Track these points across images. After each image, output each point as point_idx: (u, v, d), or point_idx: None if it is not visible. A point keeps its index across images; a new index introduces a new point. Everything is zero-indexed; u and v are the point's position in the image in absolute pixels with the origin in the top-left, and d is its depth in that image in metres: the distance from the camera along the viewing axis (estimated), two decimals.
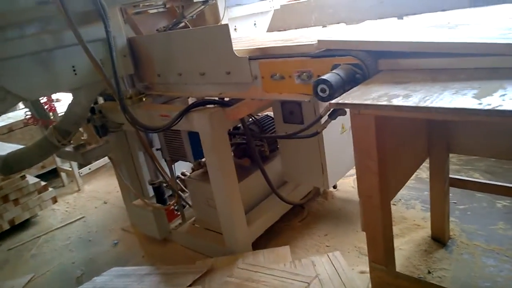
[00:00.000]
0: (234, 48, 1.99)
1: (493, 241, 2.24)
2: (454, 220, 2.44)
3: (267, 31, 3.43)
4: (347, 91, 1.56)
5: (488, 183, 2.16)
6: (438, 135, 2.10)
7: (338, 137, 2.41)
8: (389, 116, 1.34)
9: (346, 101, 1.32)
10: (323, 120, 1.80)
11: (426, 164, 3.21)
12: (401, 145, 1.76)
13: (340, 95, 1.55)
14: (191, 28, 2.63)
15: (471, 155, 2.61)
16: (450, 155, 2.15)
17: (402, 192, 2.86)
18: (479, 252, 2.20)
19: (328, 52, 1.72)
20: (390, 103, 1.21)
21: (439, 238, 2.32)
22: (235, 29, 3.15)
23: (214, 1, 2.49)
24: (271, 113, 2.75)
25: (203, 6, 2.45)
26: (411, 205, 2.69)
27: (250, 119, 2.62)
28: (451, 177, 2.20)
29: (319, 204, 2.88)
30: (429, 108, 1.13)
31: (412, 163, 1.96)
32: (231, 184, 2.23)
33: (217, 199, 2.28)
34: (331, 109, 1.74)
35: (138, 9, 2.75)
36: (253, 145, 2.21)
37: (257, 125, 2.64)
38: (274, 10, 3.40)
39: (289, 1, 3.95)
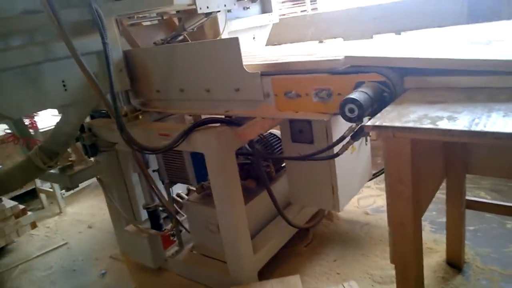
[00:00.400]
0: (244, 63, 1.86)
1: (508, 265, 2.16)
2: (466, 242, 2.34)
3: (265, 45, 3.33)
4: (375, 111, 1.46)
5: (505, 205, 2.08)
6: (456, 155, 2.01)
7: (348, 157, 2.30)
8: (421, 139, 1.24)
9: (386, 124, 1.19)
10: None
11: None
12: (425, 167, 1.65)
13: (368, 115, 1.46)
14: (195, 41, 2.49)
15: (489, 175, 2.55)
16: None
17: None
18: (497, 277, 2.11)
19: (351, 68, 1.61)
20: (437, 127, 1.10)
21: (455, 263, 2.21)
22: None
23: (217, 14, 2.36)
24: (275, 131, 2.62)
25: (205, 19, 2.31)
26: None
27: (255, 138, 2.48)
28: (467, 199, 2.11)
29: (324, 226, 2.75)
30: (486, 133, 1.02)
31: (435, 185, 1.86)
32: (238, 209, 2.06)
33: (222, 224, 2.11)
34: (356, 130, 1.63)
35: (134, 20, 2.61)
36: (261, 167, 2.06)
37: (262, 144, 2.50)
38: (273, 24, 3.30)
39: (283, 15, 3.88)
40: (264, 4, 3.23)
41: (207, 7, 2.15)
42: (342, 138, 1.67)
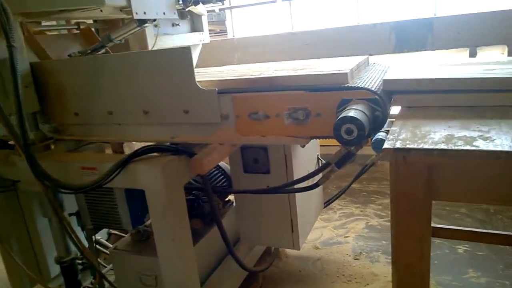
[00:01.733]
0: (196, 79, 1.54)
1: None
2: None
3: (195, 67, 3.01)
4: (369, 134, 1.25)
5: (455, 229, 2.04)
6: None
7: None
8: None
9: (413, 146, 0.97)
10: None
11: (376, 211, 3.13)
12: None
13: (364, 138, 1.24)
14: (132, 51, 2.08)
15: (454, 201, 2.52)
16: None
17: (360, 243, 2.61)
18: None
19: (333, 85, 1.39)
20: (486, 148, 0.90)
21: None
22: None
23: (154, 22, 1.99)
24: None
25: (138, 28, 1.94)
26: (374, 257, 2.44)
27: None
28: (433, 226, 2.01)
29: (274, 266, 2.44)
30: None
31: None
32: (187, 256, 1.67)
33: (167, 276, 1.68)
34: (344, 155, 1.39)
35: (43, 27, 2.11)
36: (214, 204, 1.71)
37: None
38: (203, 44, 3.02)
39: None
40: (194, 22, 2.95)
41: (144, 13, 1.79)
42: (326, 165, 1.42)
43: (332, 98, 1.36)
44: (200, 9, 2.75)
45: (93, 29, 2.33)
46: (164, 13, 1.91)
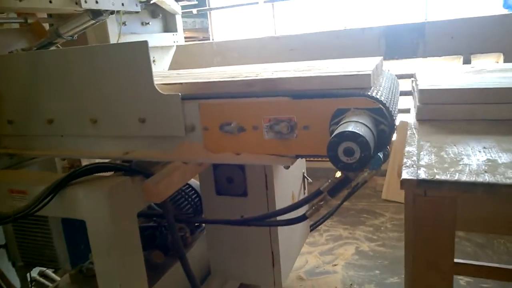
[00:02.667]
0: (155, 82, 1.23)
1: None
2: None
3: (168, 70, 2.71)
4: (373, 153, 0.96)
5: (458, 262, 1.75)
6: None
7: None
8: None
9: (442, 177, 0.68)
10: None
11: (366, 233, 2.84)
12: None
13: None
14: (76, 46, 1.75)
15: (475, 231, 2.27)
16: None
17: (350, 272, 2.31)
18: None
19: (326, 90, 1.09)
20: None
21: None
22: None
23: (108, 17, 1.68)
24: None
25: (92, 22, 1.62)
26: None
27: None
28: None
29: None
30: None
31: None
32: None
33: None
34: (340, 181, 1.09)
35: None
36: (176, 237, 1.38)
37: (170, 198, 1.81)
38: (177, 46, 2.71)
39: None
40: (167, 22, 2.64)
41: (96, 2, 1.47)
42: (318, 193, 1.12)
43: (324, 107, 1.07)
44: (174, 7, 2.45)
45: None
46: (122, 4, 1.61)
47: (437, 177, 0.68)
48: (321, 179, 1.64)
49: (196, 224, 1.94)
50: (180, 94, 1.21)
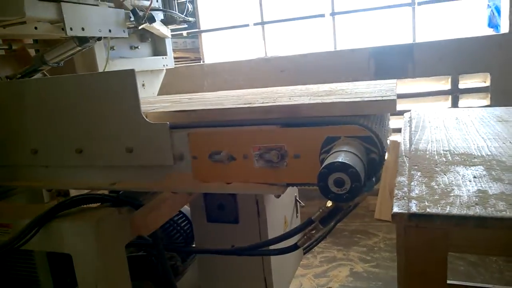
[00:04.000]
0: (143, 110, 1.21)
1: None
2: None
3: (158, 95, 2.69)
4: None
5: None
6: None
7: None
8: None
9: (432, 211, 0.67)
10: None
11: (360, 254, 2.80)
12: None
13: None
14: (61, 75, 1.73)
15: (469, 253, 2.25)
16: None
17: None
18: None
19: (317, 118, 1.09)
20: None
21: None
22: None
23: (95, 43, 1.67)
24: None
25: (78, 48, 1.61)
26: None
27: None
28: None
29: None
30: None
31: None
32: None
33: None
34: (331, 210, 1.07)
35: None
36: (167, 268, 1.34)
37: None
38: (169, 70, 2.71)
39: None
40: (157, 45, 2.64)
41: (82, 29, 1.46)
42: (309, 223, 1.10)
43: (314, 135, 1.06)
44: (163, 31, 2.46)
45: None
46: (110, 31, 1.60)
47: (428, 210, 0.67)
48: (314, 199, 1.62)
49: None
50: (168, 123, 1.19)
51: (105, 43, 2.16)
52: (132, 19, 1.79)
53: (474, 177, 0.80)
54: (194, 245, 1.80)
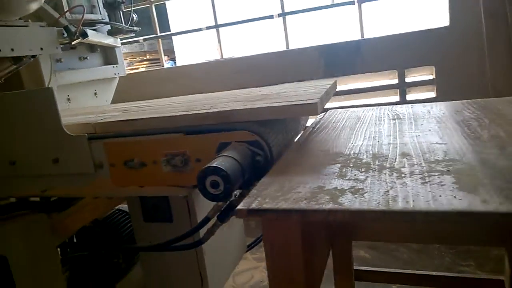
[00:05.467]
0: (64, 123, 1.32)
1: None
2: None
3: (111, 103, 2.79)
4: (248, 182, 1.07)
5: (396, 272, 1.87)
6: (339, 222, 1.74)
7: (218, 232, 1.85)
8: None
9: (268, 206, 0.79)
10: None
11: None
12: (314, 250, 1.30)
13: (239, 188, 1.06)
14: None
15: (378, 241, 2.39)
16: None
17: None
18: None
19: (212, 126, 1.21)
20: (343, 207, 0.74)
21: None
22: (68, 99, 2.42)
23: (30, 60, 1.77)
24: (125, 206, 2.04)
25: (14, 66, 1.70)
26: None
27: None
28: (356, 269, 1.84)
29: None
30: (414, 213, 0.69)
31: (322, 263, 1.52)
32: None
33: None
34: (223, 209, 1.20)
35: None
36: (105, 264, 1.46)
37: (104, 226, 1.88)
38: (119, 77, 2.81)
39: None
40: (107, 55, 2.74)
41: (12, 50, 1.56)
42: (206, 220, 1.23)
43: (211, 141, 1.18)
44: (109, 41, 2.56)
45: None
46: (41, 49, 1.69)
47: (263, 207, 0.79)
48: None
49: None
50: (86, 134, 1.31)
51: (54, 56, 2.27)
52: (65, 35, 1.89)
53: (325, 175, 0.92)
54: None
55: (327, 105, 3.22)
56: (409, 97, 3.15)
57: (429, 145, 1.04)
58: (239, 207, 0.81)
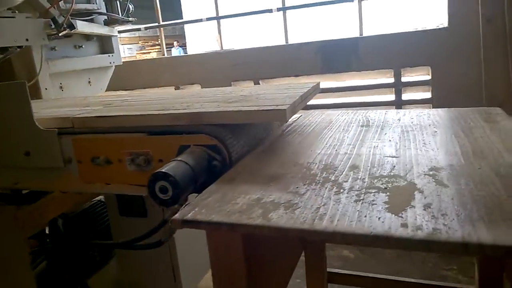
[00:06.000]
0: (36, 116, 1.35)
1: None
2: None
3: (106, 91, 2.82)
4: (203, 186, 1.08)
5: (371, 277, 1.87)
6: None
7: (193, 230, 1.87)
8: None
9: (201, 218, 0.81)
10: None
11: None
12: (273, 253, 1.31)
13: (191, 193, 1.07)
14: None
15: (348, 244, 2.39)
16: None
17: None
18: None
19: (175, 127, 1.22)
20: (269, 224, 0.74)
21: None
22: (61, 88, 2.46)
23: (17, 50, 1.79)
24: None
25: (1, 56, 1.73)
26: None
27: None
28: (329, 272, 1.85)
29: None
30: (334, 234, 0.70)
31: (289, 265, 1.53)
32: None
33: None
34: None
35: None
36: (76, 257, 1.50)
37: (81, 218, 1.92)
38: (115, 66, 2.83)
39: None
40: (103, 44, 2.75)
41: None
42: (163, 223, 1.24)
43: (172, 142, 1.19)
44: (103, 31, 2.57)
45: None
46: (27, 40, 1.71)
47: (197, 218, 0.80)
48: None
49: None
50: (56, 129, 1.33)
51: (48, 45, 2.30)
52: (53, 26, 1.91)
53: (269, 185, 0.93)
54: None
55: (318, 101, 3.21)
56: (404, 96, 3.10)
57: (382, 157, 1.03)
58: (174, 217, 0.82)
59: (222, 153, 1.13)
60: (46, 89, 2.27)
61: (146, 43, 12.33)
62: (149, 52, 10.80)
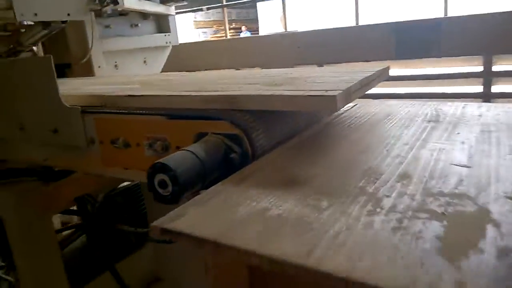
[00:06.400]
0: (63, 93, 1.27)
1: None
2: None
3: (162, 71, 2.76)
4: (215, 181, 0.90)
5: None
6: None
7: None
8: None
9: (180, 228, 0.63)
10: None
11: None
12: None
13: (200, 189, 0.90)
14: None
15: None
16: None
17: None
18: None
19: (193, 111, 1.05)
20: (262, 251, 0.54)
21: None
22: (115, 66, 2.43)
23: (61, 25, 1.75)
24: None
25: (44, 31, 1.70)
26: None
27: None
28: None
29: None
30: (348, 282, 0.48)
31: None
32: None
33: None
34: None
35: None
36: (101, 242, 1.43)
37: (123, 196, 1.86)
38: (173, 46, 2.75)
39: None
40: (160, 23, 2.68)
41: (35, 15, 1.54)
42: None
43: (190, 129, 1.03)
44: (157, 9, 2.49)
45: None
46: (68, 14, 1.66)
47: (177, 229, 0.63)
48: None
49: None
50: (80, 107, 1.24)
51: (102, 22, 2.27)
52: (97, 1, 1.84)
53: (283, 192, 0.72)
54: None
55: (388, 89, 2.86)
56: (494, 88, 2.64)
57: (447, 166, 0.77)
58: (153, 223, 0.66)
59: (243, 145, 0.94)
60: (99, 67, 2.24)
61: (220, 27, 12.45)
62: (222, 36, 10.88)
